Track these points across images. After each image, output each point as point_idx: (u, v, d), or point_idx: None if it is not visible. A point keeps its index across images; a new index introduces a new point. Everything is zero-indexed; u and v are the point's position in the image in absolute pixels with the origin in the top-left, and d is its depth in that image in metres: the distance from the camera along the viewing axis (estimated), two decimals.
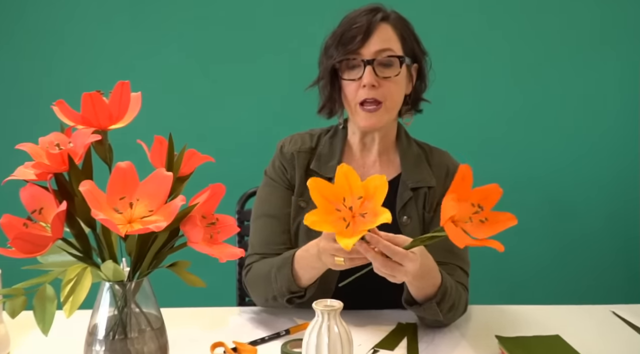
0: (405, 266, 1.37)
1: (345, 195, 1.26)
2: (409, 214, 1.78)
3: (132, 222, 1.05)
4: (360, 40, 1.71)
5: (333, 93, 1.79)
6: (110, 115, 1.14)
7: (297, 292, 1.65)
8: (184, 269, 1.17)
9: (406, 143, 1.86)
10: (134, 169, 1.07)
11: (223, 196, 1.16)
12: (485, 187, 1.22)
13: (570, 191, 2.93)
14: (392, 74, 1.72)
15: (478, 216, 1.20)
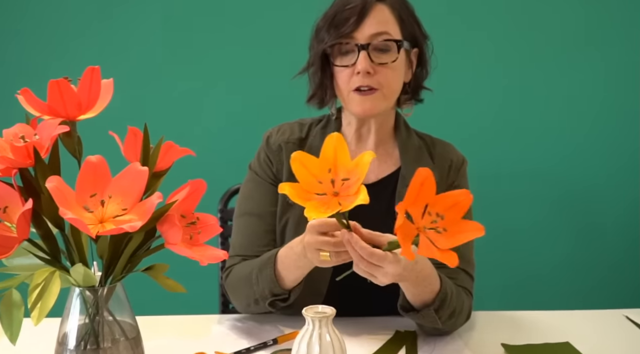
0: (385, 268, 1.36)
1: (329, 168, 1.23)
2: None
3: (103, 222, 1.04)
4: (353, 22, 1.68)
5: (324, 80, 1.77)
6: (80, 104, 1.13)
7: (280, 294, 1.64)
8: (162, 273, 1.16)
9: (406, 134, 1.85)
10: (106, 163, 1.07)
11: (204, 193, 1.15)
12: (453, 194, 1.19)
13: (581, 191, 2.94)
14: (389, 59, 1.70)
15: (435, 225, 1.17)
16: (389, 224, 1.67)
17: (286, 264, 1.60)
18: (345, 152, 1.23)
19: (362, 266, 1.37)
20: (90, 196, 1.04)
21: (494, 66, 2.86)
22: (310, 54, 1.80)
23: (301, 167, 1.23)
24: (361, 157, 1.22)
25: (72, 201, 1.03)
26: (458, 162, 1.85)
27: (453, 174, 1.83)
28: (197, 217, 1.14)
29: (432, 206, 1.18)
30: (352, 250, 1.35)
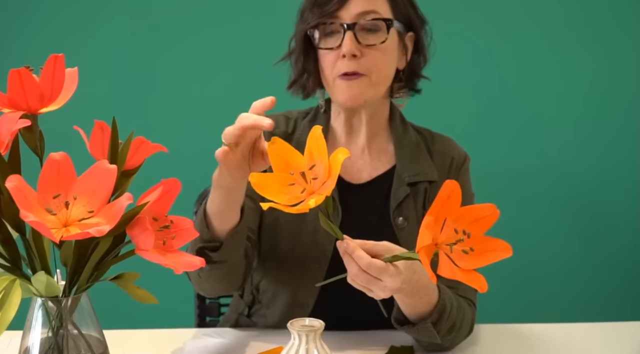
0: (384, 281, 1.33)
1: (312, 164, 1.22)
2: (405, 215, 1.77)
3: (68, 226, 1.05)
4: (338, 0, 1.70)
5: (307, 65, 1.78)
6: (42, 95, 1.13)
7: (209, 240, 1.57)
8: (132, 282, 1.17)
9: (402, 128, 1.86)
10: (70, 161, 1.07)
11: (178, 194, 1.16)
12: (477, 208, 1.18)
13: (583, 188, 2.97)
14: (378, 40, 1.71)
15: (461, 245, 1.15)
16: (384, 229, 1.69)
17: (211, 195, 1.56)
18: (325, 148, 1.22)
19: (359, 280, 1.33)
20: (54, 197, 1.05)
21: (494, 59, 2.89)
22: (292, 38, 1.81)
23: (278, 158, 1.24)
24: (334, 156, 1.20)
25: (33, 203, 1.03)
26: (460, 159, 1.86)
27: (454, 173, 1.84)
28: (171, 221, 1.15)
29: (455, 220, 1.17)
30: (349, 260, 1.32)
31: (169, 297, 1.92)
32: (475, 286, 1.13)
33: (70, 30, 2.82)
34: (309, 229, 1.75)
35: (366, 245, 1.34)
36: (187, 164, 2.57)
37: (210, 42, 2.86)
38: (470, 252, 1.15)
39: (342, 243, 1.31)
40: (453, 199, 1.15)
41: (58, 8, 2.82)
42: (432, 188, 1.80)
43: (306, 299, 1.75)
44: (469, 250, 1.15)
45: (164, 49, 2.86)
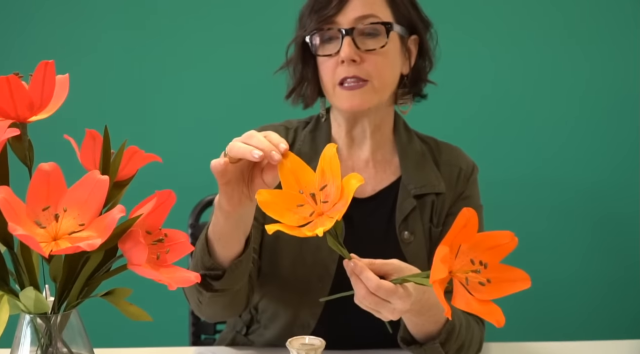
0: (393, 303, 1.32)
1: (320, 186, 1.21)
2: (412, 229, 1.78)
3: (57, 239, 1.05)
4: (336, 5, 1.71)
5: (306, 73, 1.80)
6: (31, 103, 1.13)
7: (211, 268, 1.56)
8: (124, 298, 1.17)
9: (406, 137, 1.86)
10: (60, 171, 1.07)
11: (173, 206, 1.16)
12: (494, 235, 1.17)
13: (609, 202, 2.97)
14: (377, 45, 1.72)
15: (478, 276, 1.14)
16: (390, 243, 1.70)
17: (213, 217, 1.53)
18: (338, 169, 1.21)
19: (367, 302, 1.32)
20: (43, 209, 1.05)
21: (497, 66, 2.92)
22: (291, 45, 1.82)
23: (290, 175, 1.23)
24: (348, 179, 1.19)
25: (22, 215, 1.03)
26: (467, 169, 1.87)
27: (462, 183, 1.85)
28: (165, 234, 1.14)
29: (470, 247, 1.16)
30: (356, 281, 1.31)
31: (163, 314, 1.93)
32: (491, 320, 1.12)
33: (61, 36, 2.83)
34: (312, 246, 1.75)
35: (374, 265, 1.33)
36: (182, 175, 2.58)
37: (206, 49, 2.87)
38: (488, 284, 1.14)
39: (350, 263, 1.30)
40: (469, 228, 1.14)
41: (48, 14, 2.83)
42: (439, 200, 1.80)
43: (308, 319, 1.75)
44: (485, 282, 1.14)
45: (158, 56, 2.87)
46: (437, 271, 1.11)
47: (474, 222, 1.14)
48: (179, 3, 2.85)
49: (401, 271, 1.35)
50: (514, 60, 2.91)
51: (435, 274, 1.11)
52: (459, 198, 1.83)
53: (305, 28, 1.76)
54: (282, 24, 1.86)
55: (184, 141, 2.86)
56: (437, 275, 1.10)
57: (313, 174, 1.23)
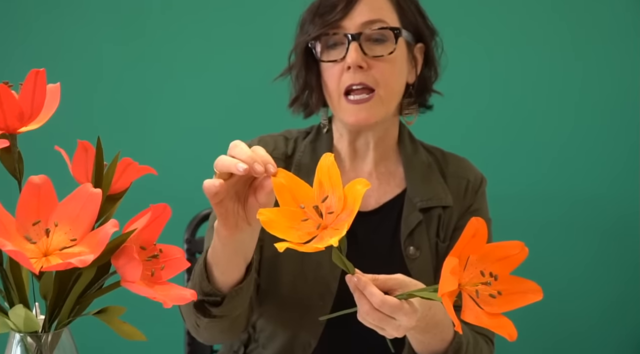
0: (398, 320, 1.31)
1: (320, 197, 1.20)
2: (417, 244, 1.77)
3: (48, 255, 1.05)
4: (342, 9, 1.71)
5: (309, 80, 1.80)
6: (21, 114, 1.13)
7: (209, 293, 1.53)
8: (117, 317, 1.17)
9: (411, 148, 1.87)
10: (51, 184, 1.07)
11: (168, 220, 1.16)
12: (504, 245, 1.16)
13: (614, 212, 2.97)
14: (385, 51, 1.73)
15: (488, 288, 1.14)
16: (394, 259, 1.70)
17: (212, 250, 1.51)
18: (338, 178, 1.19)
19: (371, 318, 1.31)
20: (33, 223, 1.05)
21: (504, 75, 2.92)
22: (293, 51, 1.82)
23: (286, 193, 1.21)
24: (353, 185, 1.18)
25: (11, 230, 1.04)
26: (476, 181, 1.87)
27: (470, 196, 1.85)
28: (160, 250, 1.14)
29: (479, 259, 1.15)
30: (360, 297, 1.30)
31: (158, 333, 1.93)
32: (504, 334, 1.12)
33: (52, 43, 2.84)
34: (312, 263, 1.75)
35: (378, 280, 1.32)
36: (177, 188, 2.58)
37: (203, 60, 2.87)
38: (499, 296, 1.14)
39: (352, 278, 1.28)
40: (478, 238, 1.14)
41: (39, 20, 2.84)
42: (446, 214, 1.80)
43: (308, 339, 1.75)
44: (496, 294, 1.14)
45: (153, 65, 2.87)
46: (446, 283, 1.10)
47: (483, 232, 1.14)
48: (174, 12, 2.86)
49: (406, 286, 1.34)
50: (520, 72, 2.91)
51: (445, 287, 1.10)
52: (467, 211, 1.83)
53: (308, 33, 1.76)
54: (282, 32, 1.87)
55: (179, 152, 2.86)
56: (447, 287, 1.10)
57: (309, 188, 1.22)
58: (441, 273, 1.12)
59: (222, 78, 2.88)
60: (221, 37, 2.86)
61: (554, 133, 2.93)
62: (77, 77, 2.79)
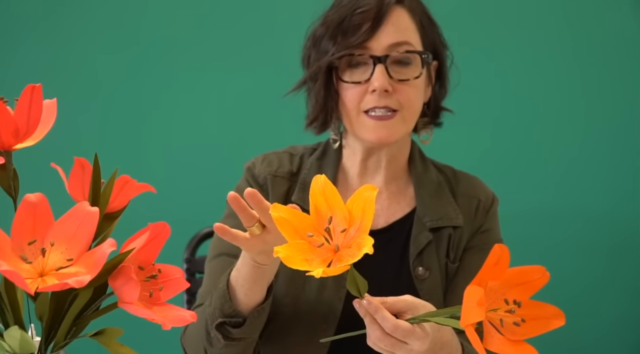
0: (411, 344, 1.31)
1: (323, 222, 1.19)
2: (427, 265, 1.77)
3: (44, 275, 1.05)
4: (368, 29, 1.70)
5: (329, 101, 1.78)
6: (17, 130, 1.14)
7: (231, 315, 1.57)
8: (114, 339, 1.16)
9: (422, 167, 1.86)
10: (47, 202, 1.07)
11: (167, 240, 1.16)
12: (525, 270, 1.16)
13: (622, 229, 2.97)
14: (412, 75, 1.73)
15: (513, 316, 1.14)
16: (403, 279, 1.69)
17: (234, 275, 1.56)
18: (336, 196, 1.19)
19: (382, 344, 1.30)
20: (29, 243, 1.05)
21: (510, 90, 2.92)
22: (306, 68, 1.81)
23: (288, 227, 1.20)
24: (359, 194, 1.17)
25: (6, 249, 1.03)
26: (487, 201, 1.86)
27: (481, 216, 1.85)
28: (159, 270, 1.14)
29: (501, 286, 1.14)
30: (371, 322, 1.29)
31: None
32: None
33: (49, 58, 2.84)
34: (314, 285, 1.74)
35: (386, 302, 1.31)
36: (177, 206, 2.58)
37: (203, 74, 2.87)
38: (523, 324, 1.13)
39: (362, 302, 1.27)
40: (501, 266, 1.14)
41: (35, 34, 2.84)
42: (456, 234, 1.79)
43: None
44: (520, 322, 1.13)
45: (152, 81, 2.87)
46: (472, 314, 1.10)
47: (506, 259, 1.13)
48: (171, 23, 2.86)
49: (415, 308, 1.34)
50: (530, 91, 2.92)
51: (470, 318, 1.09)
52: (478, 232, 1.83)
53: (328, 51, 1.74)
54: (286, 47, 1.86)
55: (179, 169, 2.86)
56: (473, 319, 1.09)
57: (308, 217, 1.20)
58: (464, 302, 1.11)
59: (222, 92, 2.88)
60: (220, 50, 2.86)
61: (560, 152, 2.93)
62: (74, 93, 2.79)
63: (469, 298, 1.10)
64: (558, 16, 2.88)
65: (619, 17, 2.86)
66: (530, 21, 2.89)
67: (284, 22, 1.80)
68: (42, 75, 2.58)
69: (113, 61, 2.86)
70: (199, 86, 2.87)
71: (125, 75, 2.86)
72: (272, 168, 1.84)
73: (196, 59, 2.86)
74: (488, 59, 2.87)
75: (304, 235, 1.18)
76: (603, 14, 2.87)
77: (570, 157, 2.93)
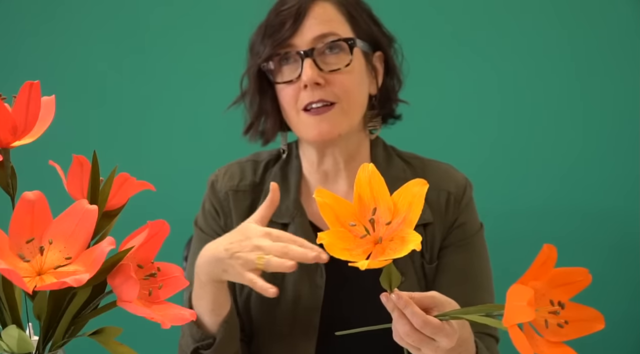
0: (439, 341, 1.28)
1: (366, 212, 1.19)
2: (400, 270, 1.72)
3: (42, 274, 1.05)
4: (290, 26, 1.69)
5: (264, 105, 1.78)
6: (15, 127, 1.13)
7: (202, 339, 1.59)
8: (113, 338, 1.16)
9: (385, 161, 1.83)
10: (46, 200, 1.07)
11: (166, 238, 1.15)
12: (569, 271, 1.15)
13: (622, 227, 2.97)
14: (342, 63, 1.70)
15: (557, 318, 1.12)
16: (378, 291, 1.69)
17: (195, 293, 1.58)
18: (383, 186, 1.20)
19: (410, 340, 1.27)
20: (27, 241, 1.05)
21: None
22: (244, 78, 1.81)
23: (331, 214, 1.19)
24: (408, 188, 1.18)
25: (4, 248, 1.03)
26: (458, 192, 1.82)
27: (453, 210, 1.81)
28: (158, 268, 1.14)
29: (543, 286, 1.13)
30: (400, 317, 1.26)
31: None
32: None
33: (47, 55, 2.84)
34: (289, 297, 1.72)
35: (414, 298, 1.29)
36: (176, 204, 2.58)
37: (204, 71, 2.87)
38: (565, 325, 1.12)
39: (392, 297, 1.25)
40: (548, 265, 1.12)
41: (33, 31, 2.84)
42: (428, 232, 1.76)
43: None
44: (564, 324, 1.12)
45: (152, 78, 2.87)
46: (520, 313, 1.07)
47: (553, 259, 1.12)
48: (174, 22, 2.86)
49: (441, 304, 1.32)
50: (528, 88, 2.92)
51: (517, 317, 1.07)
52: (453, 227, 1.80)
53: (259, 55, 1.74)
54: None
55: (178, 167, 2.86)
56: (521, 318, 1.07)
57: (350, 205, 1.20)
58: (509, 301, 1.09)
59: (221, 93, 2.86)
60: (221, 52, 2.85)
61: (560, 149, 2.93)
62: (73, 90, 2.79)
63: (515, 297, 1.09)
64: (559, 14, 2.89)
65: (619, 14, 2.86)
66: (531, 20, 2.90)
67: None
68: (41, 73, 2.57)
69: (112, 59, 2.86)
70: (199, 84, 2.87)
71: (124, 73, 2.86)
72: (234, 182, 1.84)
73: (197, 57, 2.86)
74: (488, 59, 2.87)
75: (346, 223, 1.18)
76: (603, 12, 2.87)
77: (571, 155, 2.93)
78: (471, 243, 1.80)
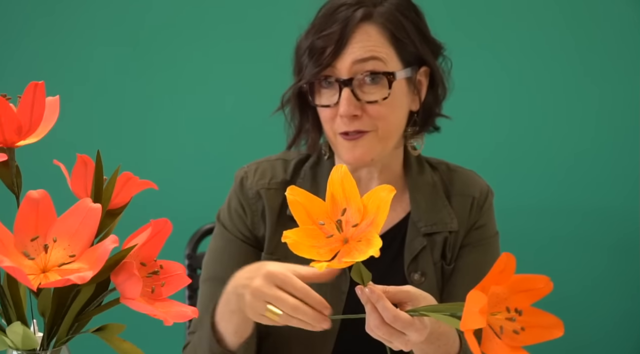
0: (409, 335, 1.32)
1: (338, 212, 1.20)
2: (422, 270, 1.76)
3: (46, 272, 1.05)
4: (331, 53, 1.67)
5: (304, 122, 1.78)
6: (19, 127, 1.14)
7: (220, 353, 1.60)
8: (117, 335, 1.16)
9: (417, 170, 1.84)
10: (50, 199, 1.08)
11: (169, 236, 1.16)
12: (528, 278, 1.14)
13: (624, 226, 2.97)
14: (380, 96, 1.68)
15: (513, 324, 1.13)
16: (395, 284, 1.70)
17: (222, 311, 1.57)
18: (354, 188, 1.20)
19: (380, 332, 1.31)
20: (31, 239, 1.05)
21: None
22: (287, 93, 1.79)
23: (302, 211, 1.21)
24: (376, 192, 1.19)
25: (9, 246, 1.04)
26: (481, 197, 1.85)
27: (475, 213, 1.84)
28: (161, 266, 1.14)
29: (503, 291, 1.13)
30: (372, 310, 1.29)
31: (158, 351, 1.93)
32: None
33: (52, 56, 2.84)
34: None
35: (389, 292, 1.32)
36: (179, 203, 2.58)
37: (207, 71, 2.87)
38: (522, 331, 1.13)
39: (365, 290, 1.27)
40: (506, 273, 1.13)
41: (37, 32, 2.84)
42: (452, 237, 1.78)
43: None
44: (520, 330, 1.13)
45: (155, 78, 2.87)
46: (473, 320, 1.09)
47: (512, 267, 1.12)
48: (177, 21, 2.86)
49: (416, 299, 1.35)
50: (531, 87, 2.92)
51: (470, 324, 1.09)
52: (472, 228, 1.82)
53: (301, 70, 1.73)
54: (286, 47, 1.85)
55: (180, 166, 2.86)
56: (473, 325, 1.09)
57: (324, 203, 1.21)
58: (466, 307, 1.10)
59: (224, 92, 2.88)
60: (224, 50, 2.86)
61: (562, 147, 2.93)
62: (77, 90, 2.79)
63: (471, 303, 1.10)
64: (562, 14, 2.89)
65: (620, 13, 2.87)
66: (532, 20, 2.90)
67: (289, 23, 1.77)
68: (45, 73, 2.58)
69: (116, 59, 2.86)
70: (203, 84, 2.87)
71: (128, 73, 2.86)
72: (265, 180, 1.83)
73: (200, 57, 2.87)
74: (488, 58, 2.87)
75: (316, 221, 1.19)
76: (604, 12, 2.88)
77: (571, 154, 2.93)
78: (487, 245, 1.83)
